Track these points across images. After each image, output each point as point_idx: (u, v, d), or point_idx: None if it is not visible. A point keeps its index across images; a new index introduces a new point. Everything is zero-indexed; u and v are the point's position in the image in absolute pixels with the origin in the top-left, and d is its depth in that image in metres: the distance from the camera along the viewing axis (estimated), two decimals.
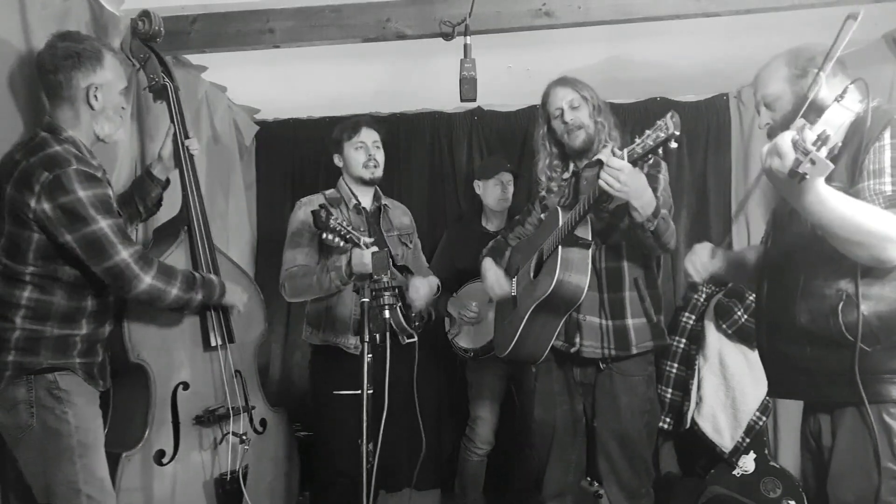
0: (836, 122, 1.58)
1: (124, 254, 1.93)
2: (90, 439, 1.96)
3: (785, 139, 1.44)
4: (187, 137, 2.41)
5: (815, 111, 1.63)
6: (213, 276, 2.25)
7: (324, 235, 2.40)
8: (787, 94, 1.83)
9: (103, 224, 1.90)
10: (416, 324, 2.72)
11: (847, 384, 1.64)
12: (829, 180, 1.63)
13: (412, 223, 3.14)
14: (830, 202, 1.54)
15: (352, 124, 2.90)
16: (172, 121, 2.40)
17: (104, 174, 2.03)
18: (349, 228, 2.43)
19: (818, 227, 1.60)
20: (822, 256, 1.66)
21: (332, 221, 2.39)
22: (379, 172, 2.89)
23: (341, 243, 2.42)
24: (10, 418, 1.91)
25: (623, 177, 2.03)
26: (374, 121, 3.01)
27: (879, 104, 1.74)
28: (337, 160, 2.94)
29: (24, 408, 1.89)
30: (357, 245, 2.45)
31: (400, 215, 3.07)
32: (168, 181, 2.43)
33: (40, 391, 1.91)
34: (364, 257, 2.44)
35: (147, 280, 1.98)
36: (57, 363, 1.94)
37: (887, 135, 1.64)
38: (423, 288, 2.82)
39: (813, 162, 1.40)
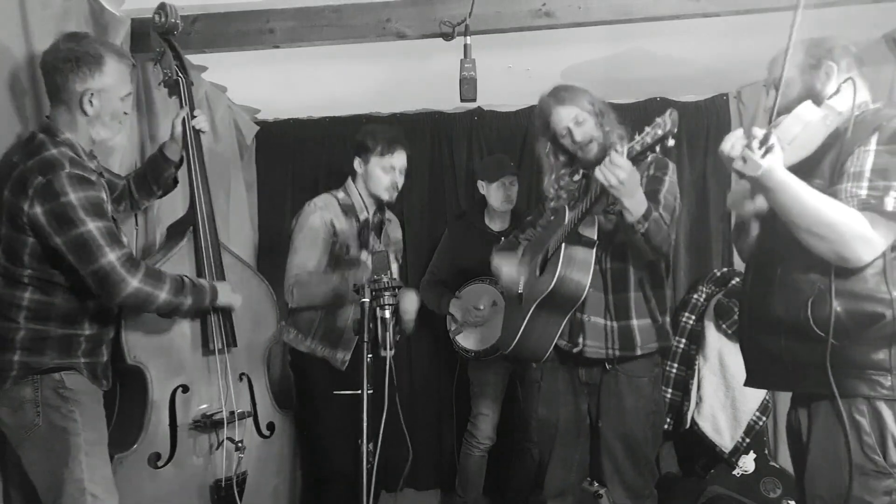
0: (805, 117, 1.63)
1: (111, 256, 1.90)
2: (96, 438, 1.97)
3: (733, 138, 1.57)
4: (196, 133, 2.40)
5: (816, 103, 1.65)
6: (203, 281, 2.22)
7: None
8: (796, 82, 1.81)
9: (91, 226, 1.88)
10: (398, 338, 2.70)
11: (817, 377, 1.65)
12: (811, 177, 1.66)
13: (401, 238, 3.16)
14: (792, 192, 1.58)
15: (388, 141, 2.78)
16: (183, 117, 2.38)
17: (99, 177, 2.03)
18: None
19: (781, 215, 1.63)
20: (800, 248, 1.66)
21: (373, 184, 2.63)
22: (395, 195, 2.84)
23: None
24: (16, 418, 1.91)
25: (622, 174, 2.04)
26: (404, 139, 2.86)
27: (880, 108, 1.74)
28: (357, 165, 2.82)
29: (30, 407, 1.90)
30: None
31: (394, 229, 3.06)
32: (182, 160, 2.39)
33: (46, 390, 1.91)
34: (411, 302, 2.70)
35: (133, 283, 1.94)
36: (63, 363, 1.95)
37: (874, 140, 1.64)
38: (413, 303, 2.86)
39: (744, 160, 1.53)
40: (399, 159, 2.81)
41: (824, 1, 2.46)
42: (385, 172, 2.78)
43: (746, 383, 1.98)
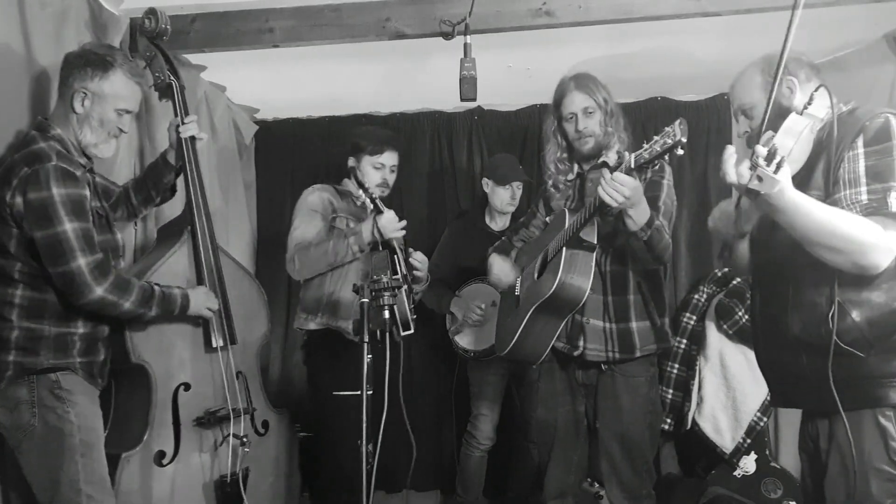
0: (795, 129, 1.59)
1: (81, 261, 1.90)
2: (92, 438, 1.97)
3: (738, 161, 1.49)
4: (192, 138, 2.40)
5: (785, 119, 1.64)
6: (175, 291, 2.19)
7: (357, 192, 2.63)
8: (762, 103, 1.79)
9: (68, 227, 1.88)
10: (415, 317, 2.72)
11: (845, 390, 1.64)
12: (807, 189, 1.64)
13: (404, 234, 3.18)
14: (805, 208, 1.54)
15: (378, 142, 2.87)
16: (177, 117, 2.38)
17: (85, 173, 2.02)
18: (377, 194, 2.58)
19: (795, 235, 1.60)
20: (809, 265, 1.65)
21: (366, 181, 2.59)
22: (387, 192, 2.94)
23: (370, 205, 2.60)
24: (12, 418, 1.91)
25: (627, 192, 2.05)
26: (396, 139, 2.96)
27: (854, 108, 1.73)
28: (351, 161, 2.91)
29: (26, 408, 1.90)
30: (380, 211, 2.61)
31: None
32: (181, 167, 2.39)
33: (42, 391, 1.91)
34: (390, 219, 2.63)
35: (98, 292, 1.93)
36: (58, 363, 1.94)
37: (860, 142, 1.63)
38: (422, 257, 2.89)
39: (759, 178, 1.44)
40: (389, 158, 2.89)
41: (825, 1, 2.45)
42: (376, 170, 2.87)
43: (773, 404, 1.98)
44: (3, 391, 1.90)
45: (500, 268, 2.69)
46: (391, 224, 2.63)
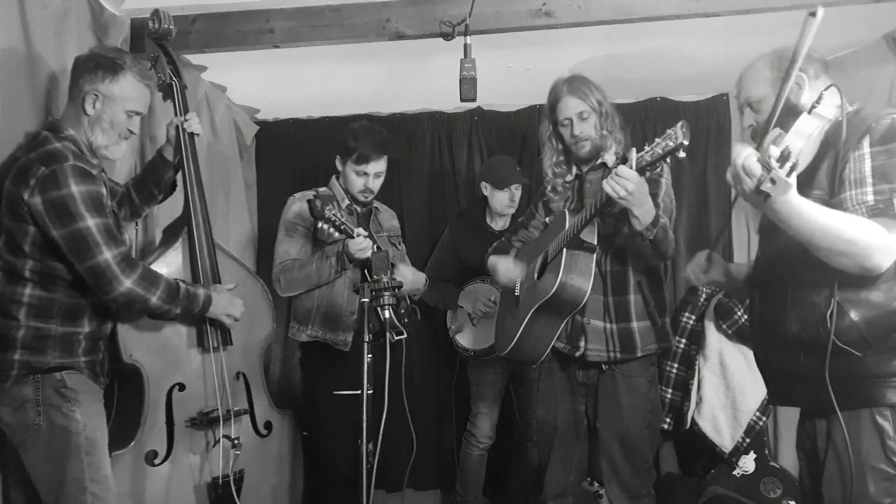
0: (807, 131, 1.57)
1: (107, 254, 1.93)
2: (97, 437, 1.98)
3: (752, 159, 1.44)
4: (191, 135, 2.40)
5: (794, 115, 1.63)
6: (199, 291, 2.22)
7: (319, 225, 2.43)
8: (770, 97, 1.81)
9: (91, 222, 1.90)
10: (406, 321, 2.72)
11: (843, 390, 1.64)
12: (810, 189, 1.63)
13: (398, 227, 3.17)
14: (808, 214, 1.53)
15: (368, 147, 2.78)
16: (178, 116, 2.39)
17: (100, 172, 2.05)
18: (343, 219, 2.46)
19: (799, 238, 1.59)
20: (808, 264, 1.65)
21: (327, 211, 2.42)
22: (371, 198, 2.90)
23: (336, 234, 2.46)
24: (17, 417, 1.92)
25: (630, 186, 2.05)
26: (386, 144, 2.86)
27: (859, 109, 1.73)
28: (338, 163, 2.89)
29: (32, 406, 1.91)
30: (350, 236, 2.50)
31: (389, 218, 3.08)
32: (180, 162, 2.40)
33: (48, 390, 1.92)
34: (358, 244, 2.51)
35: (127, 283, 1.96)
36: (64, 362, 1.96)
37: (866, 143, 1.62)
38: (409, 274, 2.83)
39: (773, 181, 1.40)
40: (373, 167, 2.82)
41: (824, 1, 2.46)
42: (358, 176, 2.83)
43: (771, 402, 1.97)
44: (8, 390, 1.91)
45: (505, 266, 2.68)
46: (356, 246, 2.55)
